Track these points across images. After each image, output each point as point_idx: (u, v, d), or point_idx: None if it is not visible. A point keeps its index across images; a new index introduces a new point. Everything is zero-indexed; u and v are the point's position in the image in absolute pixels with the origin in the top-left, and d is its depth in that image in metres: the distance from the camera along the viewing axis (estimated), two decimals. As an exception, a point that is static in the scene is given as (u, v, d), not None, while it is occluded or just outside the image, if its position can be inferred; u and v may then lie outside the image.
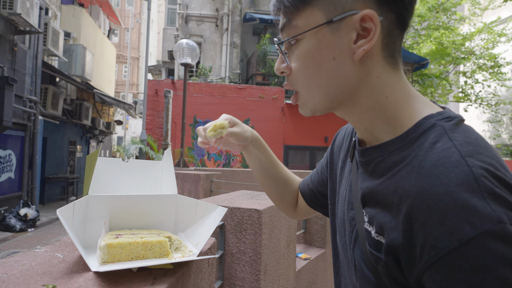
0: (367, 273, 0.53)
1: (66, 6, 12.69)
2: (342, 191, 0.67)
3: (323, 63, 0.54)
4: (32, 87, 9.09)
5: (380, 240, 0.49)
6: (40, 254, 0.70)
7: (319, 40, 0.53)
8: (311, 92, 0.57)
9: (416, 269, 0.43)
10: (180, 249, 0.73)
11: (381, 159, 0.53)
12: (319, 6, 0.53)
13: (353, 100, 0.56)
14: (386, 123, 0.55)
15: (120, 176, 0.84)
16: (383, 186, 0.51)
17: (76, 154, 14.51)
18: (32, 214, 8.00)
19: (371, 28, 0.51)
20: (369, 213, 0.53)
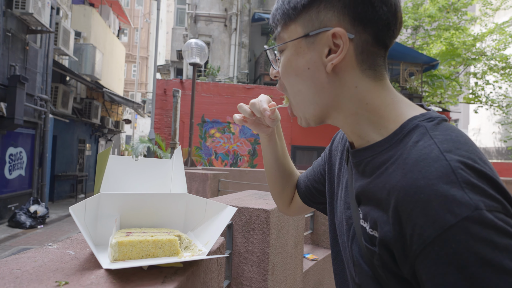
0: (365, 268, 0.56)
1: (77, 6, 12.83)
2: (339, 192, 0.70)
3: (300, 72, 0.61)
4: (43, 85, 9.21)
5: (375, 234, 0.52)
6: (52, 251, 0.71)
7: (297, 51, 0.60)
8: (296, 98, 0.63)
9: (409, 259, 0.47)
10: (189, 248, 0.73)
11: (371, 159, 0.57)
12: (300, 22, 0.59)
13: (336, 107, 0.61)
14: (371, 126, 0.59)
15: (131, 174, 0.85)
16: (373, 184, 0.54)
17: (85, 153, 14.66)
18: (42, 211, 8.11)
19: (339, 44, 0.56)
20: (363, 210, 0.56)
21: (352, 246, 0.60)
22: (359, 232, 0.57)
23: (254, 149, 11.15)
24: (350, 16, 0.56)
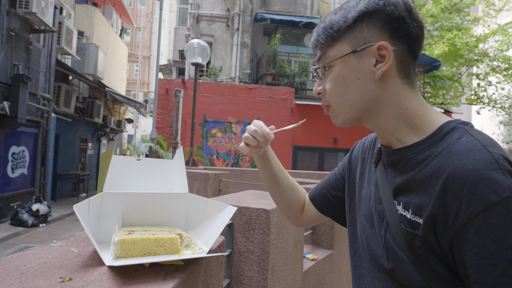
0: (400, 253, 0.65)
1: (80, 5, 12.88)
2: (365, 191, 0.80)
3: (350, 83, 0.70)
4: (46, 85, 9.25)
5: (416, 220, 0.62)
6: (56, 248, 0.72)
7: (347, 65, 0.70)
8: (341, 106, 0.73)
9: (449, 233, 0.56)
10: (190, 246, 0.74)
11: (412, 156, 0.67)
12: (346, 41, 0.70)
13: (378, 112, 0.71)
14: (409, 128, 0.70)
15: (133, 174, 0.86)
16: (417, 176, 0.63)
17: (87, 152, 14.71)
18: (44, 209, 8.14)
19: (386, 55, 0.67)
20: (404, 200, 0.65)
21: (386, 235, 0.68)
22: (395, 221, 0.66)
23: (255, 149, 11.16)
24: (389, 32, 0.68)
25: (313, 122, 11.45)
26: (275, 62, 12.24)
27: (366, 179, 0.82)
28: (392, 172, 0.71)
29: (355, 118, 0.73)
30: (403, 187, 0.66)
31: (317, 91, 0.76)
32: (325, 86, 0.74)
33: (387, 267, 0.67)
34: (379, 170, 0.75)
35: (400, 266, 0.65)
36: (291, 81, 12.03)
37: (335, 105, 0.74)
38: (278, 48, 12.19)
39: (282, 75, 12.06)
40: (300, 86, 12.14)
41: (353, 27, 0.69)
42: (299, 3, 13.82)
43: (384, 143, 0.75)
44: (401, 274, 0.65)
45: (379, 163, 0.76)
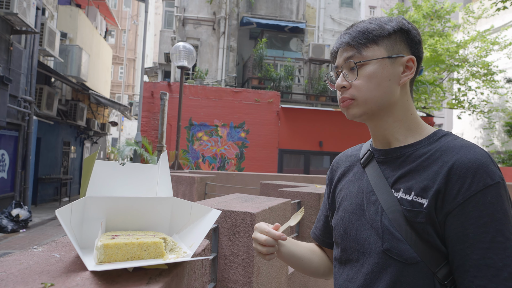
0: (395, 233, 0.76)
1: (63, 6, 12.67)
2: (350, 190, 0.91)
3: (382, 82, 0.82)
4: (27, 87, 9.04)
5: (418, 200, 0.75)
6: (37, 253, 0.72)
7: (383, 66, 0.82)
8: (368, 100, 0.82)
9: (447, 207, 0.72)
10: (174, 250, 0.75)
11: (411, 152, 0.81)
12: (383, 46, 0.82)
13: (390, 112, 0.84)
14: (408, 130, 0.85)
15: (117, 179, 0.86)
16: (420, 166, 0.78)
17: (70, 155, 14.42)
18: (24, 214, 7.94)
19: (411, 66, 0.84)
20: (405, 186, 0.78)
21: (382, 219, 0.79)
22: (392, 206, 0.78)
23: (241, 153, 11.17)
24: (411, 50, 0.84)
25: (298, 125, 11.52)
26: (261, 65, 12.29)
27: (349, 180, 0.94)
28: (389, 167, 0.84)
29: (373, 113, 0.84)
30: (404, 176, 0.79)
31: (341, 85, 0.85)
32: (352, 81, 0.83)
33: (382, 248, 0.77)
34: (370, 168, 0.88)
35: (396, 245, 0.75)
36: (277, 84, 12.10)
37: (361, 99, 0.82)
38: (264, 52, 12.25)
39: (268, 78, 12.12)
40: (286, 90, 12.22)
41: (389, 37, 0.83)
42: (285, 8, 13.94)
43: (381, 144, 0.88)
44: (396, 251, 0.75)
45: (369, 163, 0.89)
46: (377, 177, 0.84)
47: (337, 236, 0.91)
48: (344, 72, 0.85)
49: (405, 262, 0.74)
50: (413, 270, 0.74)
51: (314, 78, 12.80)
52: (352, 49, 0.83)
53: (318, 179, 6.04)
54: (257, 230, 0.89)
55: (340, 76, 0.86)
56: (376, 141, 0.90)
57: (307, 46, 13.33)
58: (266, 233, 0.86)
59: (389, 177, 0.82)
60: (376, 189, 0.83)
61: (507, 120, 16.04)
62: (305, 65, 13.12)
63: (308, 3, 14.14)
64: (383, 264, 0.77)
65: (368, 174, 0.87)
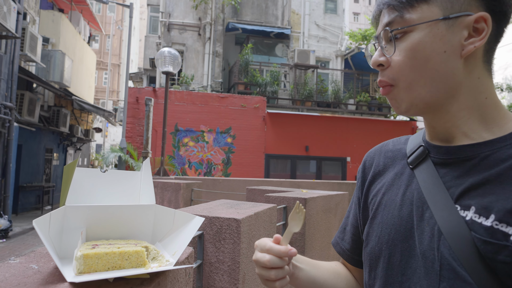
0: (460, 271, 0.53)
1: (45, 11, 12.46)
2: (394, 196, 0.67)
3: (434, 56, 0.57)
4: (8, 93, 8.84)
5: (502, 228, 0.50)
6: (14, 265, 0.69)
7: (433, 33, 0.57)
8: (413, 85, 0.59)
9: None
10: (157, 259, 0.73)
11: (490, 154, 0.56)
12: (437, 3, 0.57)
13: (452, 98, 0.59)
14: (482, 122, 0.59)
15: (98, 187, 0.85)
16: (505, 176, 0.53)
17: (53, 162, 14.12)
18: (4, 224, 7.71)
19: (483, 29, 0.56)
20: (478, 204, 0.54)
21: (439, 248, 0.55)
22: (457, 230, 0.54)
23: (228, 158, 11.14)
24: (485, 3, 0.57)
25: (285, 130, 11.58)
26: (247, 71, 12.33)
27: (390, 183, 0.70)
28: (452, 172, 0.59)
29: (426, 104, 0.60)
30: (476, 187, 0.55)
31: (378, 61, 0.62)
32: (391, 56, 0.61)
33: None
34: (423, 171, 0.64)
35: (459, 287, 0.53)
36: (263, 90, 12.14)
37: (404, 83, 0.60)
38: (250, 58, 12.31)
39: (254, 84, 12.16)
40: (272, 95, 12.28)
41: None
42: (270, 14, 14.05)
43: (440, 139, 0.64)
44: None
45: (422, 163, 0.65)
46: (433, 185, 0.60)
47: (371, 257, 0.68)
48: (383, 44, 0.63)
49: None
50: None
51: (299, 83, 12.91)
52: (393, 11, 0.60)
53: (305, 183, 6.07)
54: (258, 249, 0.68)
55: (378, 50, 0.63)
56: (432, 135, 0.65)
57: (292, 52, 13.45)
58: (267, 251, 0.65)
59: (453, 187, 0.58)
60: (431, 201, 0.59)
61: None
62: (290, 70, 13.22)
63: (293, 9, 14.29)
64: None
65: (419, 178, 0.63)
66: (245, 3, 13.74)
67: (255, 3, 13.94)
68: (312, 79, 13.19)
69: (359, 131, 12.05)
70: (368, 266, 0.69)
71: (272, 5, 14.09)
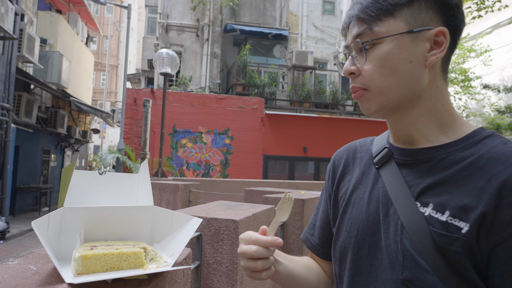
0: (420, 261, 0.59)
1: (43, 12, 12.44)
2: (362, 194, 0.73)
3: (401, 65, 0.63)
4: (5, 94, 8.81)
5: (455, 223, 0.57)
6: (12, 266, 0.70)
7: (400, 45, 0.63)
8: (384, 90, 0.65)
9: (495, 238, 0.54)
10: (155, 260, 0.74)
11: (445, 156, 0.63)
12: (402, 18, 0.63)
13: (414, 103, 0.66)
14: (439, 127, 0.66)
15: (96, 188, 0.85)
16: (458, 176, 0.59)
17: (50, 164, 14.08)
18: (2, 226, 7.68)
19: (442, 41, 0.63)
20: (436, 201, 0.60)
21: (402, 240, 0.61)
22: (417, 224, 0.60)
23: (226, 159, 11.14)
24: (443, 18, 0.63)
25: (283, 131, 11.59)
26: (245, 72, 12.35)
27: (357, 182, 0.75)
28: (413, 172, 0.66)
29: (393, 107, 0.66)
30: (434, 186, 0.61)
31: (349, 70, 0.67)
32: (361, 66, 0.66)
33: (402, 277, 0.61)
34: (387, 171, 0.69)
35: (420, 276, 0.59)
36: (261, 91, 12.16)
37: (375, 88, 0.65)
38: (248, 59, 12.32)
39: (252, 85, 12.17)
40: (270, 96, 12.30)
41: (411, 4, 0.62)
42: (268, 15, 14.07)
43: (402, 142, 0.70)
44: (420, 284, 0.58)
45: (386, 164, 0.70)
46: (396, 184, 0.66)
47: (342, 250, 0.74)
48: (353, 54, 0.68)
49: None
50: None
51: (297, 84, 12.93)
52: (362, 23, 0.65)
53: (303, 184, 6.07)
54: (243, 242, 0.69)
55: (348, 59, 0.68)
56: (396, 137, 0.72)
57: (290, 53, 13.47)
58: (253, 242, 0.67)
59: (413, 186, 0.64)
60: (394, 199, 0.65)
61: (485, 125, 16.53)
62: (288, 71, 13.25)
63: (291, 10, 14.32)
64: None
65: (384, 178, 0.69)
66: (243, 5, 13.76)
67: (253, 4, 13.96)
68: (310, 80, 13.21)
69: (357, 132, 12.08)
70: (338, 258, 0.75)
71: (270, 6, 14.12)
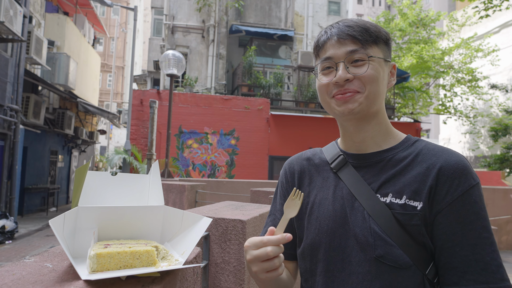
0: (387, 239, 0.75)
1: (51, 14, 12.58)
2: (326, 195, 0.87)
3: (381, 82, 0.83)
4: (14, 95, 8.93)
5: (410, 203, 0.76)
6: (29, 264, 0.72)
7: (381, 67, 0.83)
8: (375, 95, 0.82)
9: (437, 207, 0.74)
10: (166, 258, 0.76)
11: (391, 157, 0.83)
12: (380, 48, 0.84)
13: (376, 114, 0.85)
14: (385, 135, 0.86)
15: (109, 189, 0.87)
16: (405, 170, 0.80)
17: (58, 164, 14.22)
18: (10, 226, 7.78)
19: (394, 73, 0.89)
20: (393, 190, 0.78)
21: (371, 226, 0.77)
22: (381, 211, 0.77)
23: (232, 160, 11.16)
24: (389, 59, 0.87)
25: (288, 132, 11.59)
26: (250, 73, 12.37)
27: (319, 186, 0.90)
28: (369, 172, 0.83)
29: (367, 113, 0.83)
30: (388, 180, 0.80)
31: (346, 77, 0.81)
32: (361, 74, 0.81)
33: (374, 255, 0.75)
34: (346, 173, 0.86)
35: (389, 250, 0.74)
36: (266, 92, 12.17)
37: (369, 93, 0.81)
38: (254, 60, 12.34)
39: (258, 86, 12.19)
40: (276, 97, 12.30)
41: (385, 42, 0.85)
42: (273, 16, 14.09)
43: (355, 148, 0.87)
44: (390, 257, 0.74)
45: (344, 168, 0.87)
46: (357, 183, 0.83)
47: (313, 246, 0.85)
48: (346, 64, 0.82)
49: (399, 267, 0.74)
50: (405, 274, 0.74)
51: (303, 85, 12.92)
52: (356, 43, 0.81)
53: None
54: (252, 248, 0.74)
55: (342, 68, 0.81)
56: (348, 145, 0.89)
57: (296, 54, 13.47)
58: (265, 244, 0.73)
59: (372, 182, 0.81)
60: (358, 195, 0.81)
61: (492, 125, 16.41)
62: (294, 72, 13.25)
63: (296, 11, 14.32)
64: (375, 271, 0.75)
65: (345, 179, 0.85)
66: (248, 6, 13.79)
67: (259, 5, 13.98)
68: (315, 81, 13.18)
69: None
70: (309, 254, 0.86)
71: (275, 7, 14.13)
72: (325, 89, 0.85)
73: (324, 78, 0.86)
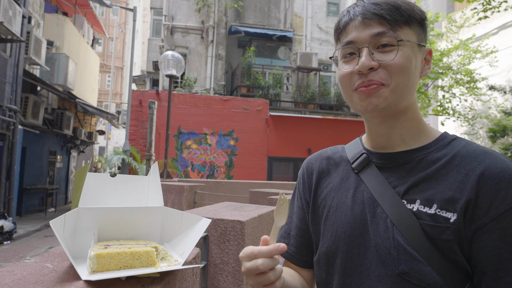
0: (413, 254, 0.63)
1: (50, 14, 12.57)
2: (344, 198, 0.76)
3: (412, 70, 0.70)
4: (12, 96, 8.92)
5: (442, 214, 0.63)
6: (30, 264, 0.73)
7: (414, 53, 0.70)
8: (402, 87, 0.69)
9: (477, 223, 0.61)
10: (166, 259, 0.76)
11: (423, 157, 0.70)
12: (414, 30, 0.70)
13: (406, 109, 0.72)
14: (416, 132, 0.73)
15: (109, 190, 0.88)
16: (438, 174, 0.67)
17: (56, 165, 14.20)
18: (9, 226, 7.77)
19: (429, 60, 0.75)
20: (422, 197, 0.66)
21: (394, 237, 0.66)
22: (406, 220, 0.65)
23: (231, 161, 11.17)
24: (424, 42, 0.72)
25: (287, 133, 11.60)
26: (249, 74, 12.37)
27: (337, 187, 0.79)
28: (394, 174, 0.71)
29: (395, 109, 0.70)
30: (417, 184, 0.67)
31: (370, 65, 0.68)
32: (386, 61, 0.68)
33: (397, 271, 0.64)
34: (368, 174, 0.74)
35: (415, 267, 0.63)
36: (265, 92, 12.18)
37: (396, 85, 0.68)
38: (253, 60, 12.35)
39: (257, 86, 12.20)
40: (275, 98, 12.32)
41: (421, 23, 0.72)
42: (272, 17, 14.10)
43: (380, 146, 0.76)
44: (416, 275, 0.62)
45: (366, 168, 0.75)
46: (380, 185, 0.71)
47: (329, 255, 0.75)
48: (371, 50, 0.69)
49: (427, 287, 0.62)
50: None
51: (302, 86, 12.94)
52: (384, 25, 0.68)
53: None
54: (245, 259, 0.66)
55: (366, 55, 0.68)
56: (374, 142, 0.77)
57: (295, 55, 13.49)
58: (256, 256, 0.65)
59: (397, 186, 0.69)
60: (380, 199, 0.69)
61: (490, 126, 16.44)
62: (293, 73, 13.26)
63: (295, 12, 14.34)
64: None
65: (366, 181, 0.73)
66: (247, 6, 13.81)
67: (258, 6, 14.00)
68: (314, 82, 13.21)
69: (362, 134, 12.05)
70: (325, 264, 0.76)
71: (274, 8, 14.15)
72: (347, 80, 0.72)
73: (345, 67, 0.72)
